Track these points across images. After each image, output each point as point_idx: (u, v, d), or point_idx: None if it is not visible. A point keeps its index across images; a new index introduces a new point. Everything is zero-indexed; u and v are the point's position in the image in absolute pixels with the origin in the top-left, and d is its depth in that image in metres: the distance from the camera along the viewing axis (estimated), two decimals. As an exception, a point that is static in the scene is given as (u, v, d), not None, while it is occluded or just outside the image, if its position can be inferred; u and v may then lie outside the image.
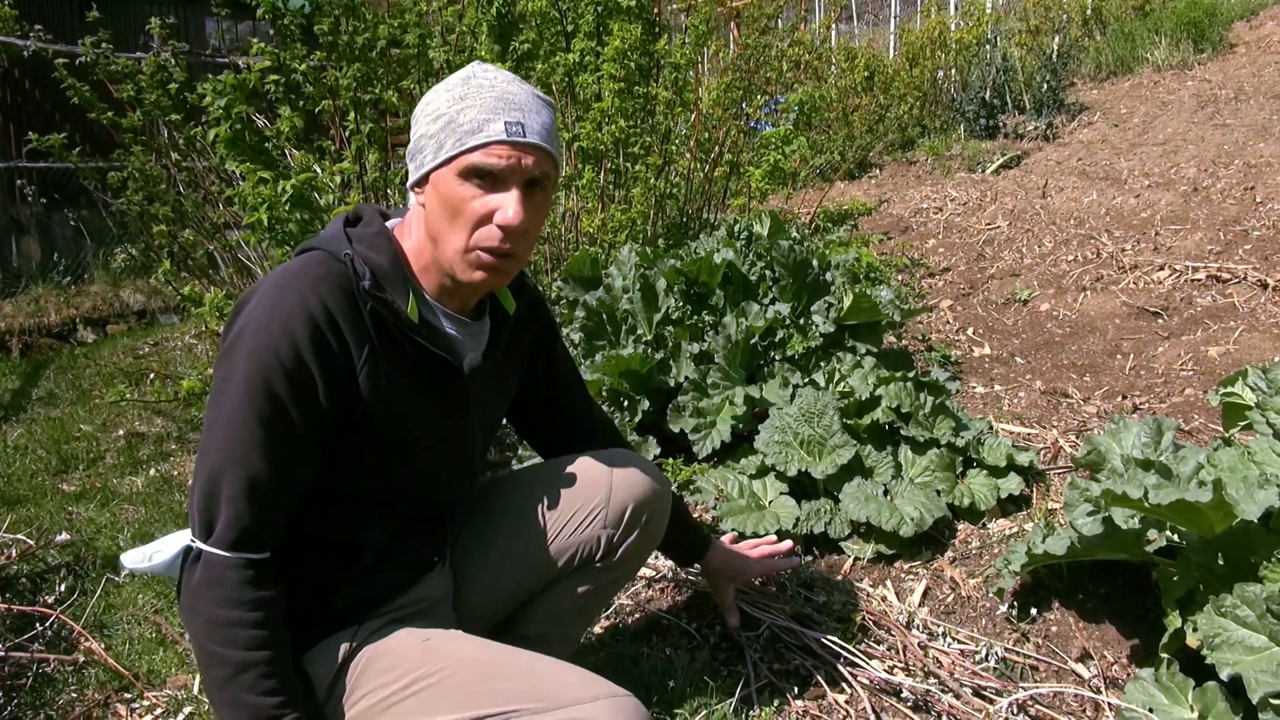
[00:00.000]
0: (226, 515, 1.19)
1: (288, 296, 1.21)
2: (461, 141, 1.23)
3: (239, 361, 1.19)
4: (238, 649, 1.18)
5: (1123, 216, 4.94)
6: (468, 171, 1.23)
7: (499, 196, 1.24)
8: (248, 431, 1.18)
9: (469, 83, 1.27)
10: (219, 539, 1.19)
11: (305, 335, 1.19)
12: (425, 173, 1.27)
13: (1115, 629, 1.97)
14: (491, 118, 1.23)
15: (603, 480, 1.59)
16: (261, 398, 1.18)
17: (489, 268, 1.28)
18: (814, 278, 2.93)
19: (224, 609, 1.19)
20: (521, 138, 1.23)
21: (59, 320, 5.93)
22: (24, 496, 3.14)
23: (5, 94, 7.98)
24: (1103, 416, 2.90)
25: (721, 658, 2.01)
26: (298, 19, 3.36)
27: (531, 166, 1.25)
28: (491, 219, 1.24)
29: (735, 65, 4.68)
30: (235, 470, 1.18)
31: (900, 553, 2.30)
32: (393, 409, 1.30)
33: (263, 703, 1.18)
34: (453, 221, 1.25)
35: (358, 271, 1.25)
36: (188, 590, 1.22)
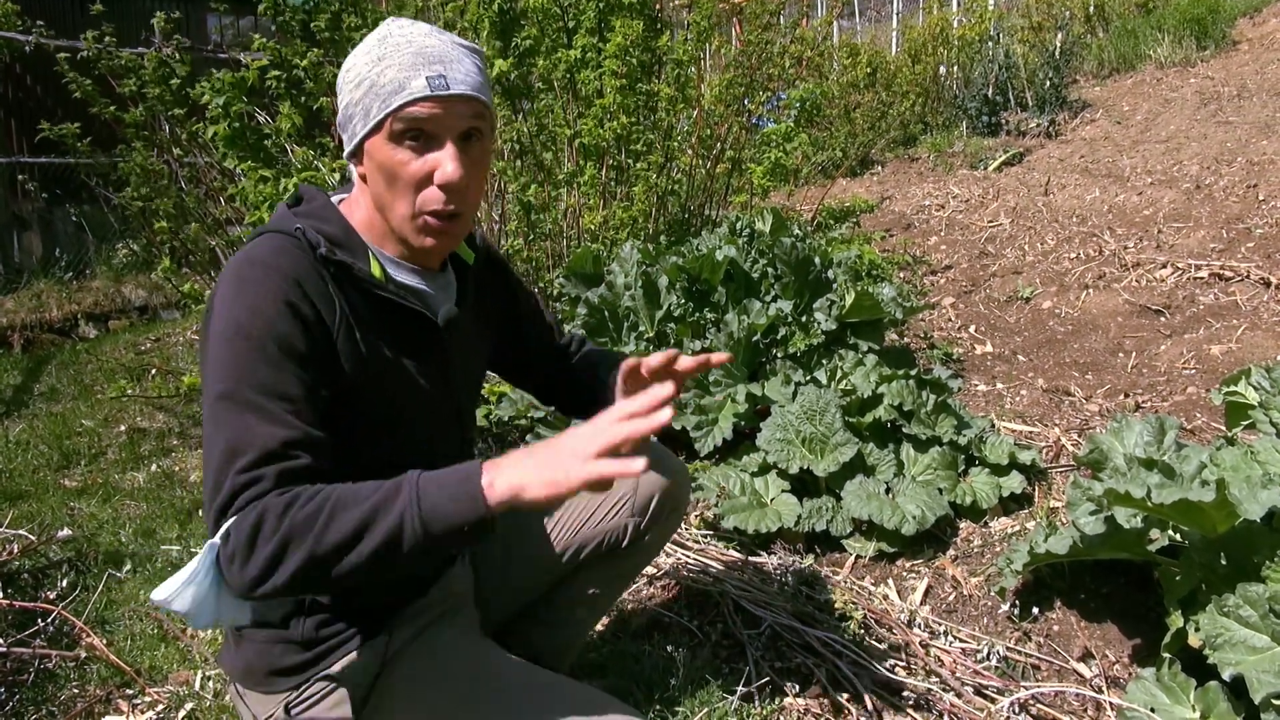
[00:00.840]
0: (259, 473, 1.06)
1: (251, 274, 1.17)
2: (386, 104, 1.18)
3: (220, 348, 1.14)
4: (363, 498, 1.04)
5: (1125, 214, 4.94)
6: (397, 133, 1.18)
7: (435, 155, 1.19)
8: (254, 401, 1.10)
9: (385, 42, 1.21)
10: (255, 491, 1.05)
11: (279, 303, 1.15)
12: (358, 142, 1.23)
13: (1117, 628, 1.97)
14: (411, 74, 1.17)
15: None
16: (254, 371, 1.11)
17: (438, 232, 1.24)
18: (816, 275, 2.93)
19: (304, 509, 1.03)
20: (445, 90, 1.18)
21: (61, 316, 5.93)
22: (26, 492, 3.14)
23: (6, 89, 7.97)
24: (1105, 415, 2.89)
25: (723, 655, 2.01)
26: (298, 15, 3.35)
27: (462, 118, 1.20)
28: (431, 179, 1.20)
29: (737, 62, 4.68)
30: (253, 441, 1.08)
31: (902, 551, 2.30)
32: (375, 373, 1.25)
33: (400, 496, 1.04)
34: (393, 188, 1.21)
35: (311, 241, 1.22)
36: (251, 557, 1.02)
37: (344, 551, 1.02)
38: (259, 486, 1.05)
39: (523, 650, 1.64)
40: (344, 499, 1.04)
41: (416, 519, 1.02)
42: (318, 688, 1.31)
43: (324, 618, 1.32)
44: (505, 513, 1.58)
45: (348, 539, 1.02)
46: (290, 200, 1.33)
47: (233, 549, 1.03)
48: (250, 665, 1.34)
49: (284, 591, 1.04)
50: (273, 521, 1.02)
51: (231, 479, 1.06)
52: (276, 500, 1.04)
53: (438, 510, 1.02)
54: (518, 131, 3.57)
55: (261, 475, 1.06)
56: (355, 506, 1.03)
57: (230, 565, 1.04)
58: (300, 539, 1.02)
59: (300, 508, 1.03)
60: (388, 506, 1.03)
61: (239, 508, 1.04)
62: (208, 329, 1.17)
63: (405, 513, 1.02)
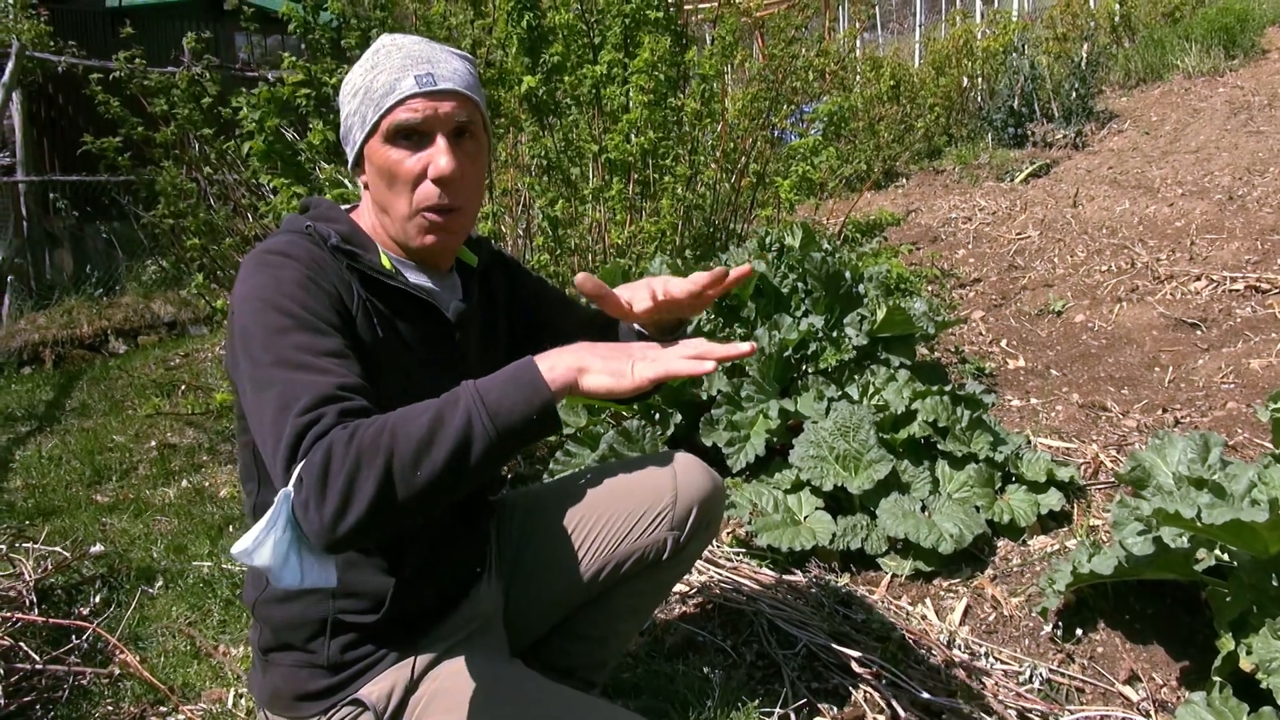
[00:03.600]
0: (317, 413, 1.02)
1: (269, 260, 1.18)
2: (379, 106, 1.22)
3: (244, 327, 1.12)
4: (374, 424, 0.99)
5: (1156, 226, 4.88)
6: (391, 134, 1.23)
7: (427, 152, 1.23)
8: (296, 357, 1.08)
9: (377, 53, 1.27)
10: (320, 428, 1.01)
11: (301, 276, 1.16)
12: (358, 149, 1.28)
13: (1163, 650, 1.93)
14: (401, 75, 1.22)
15: (667, 482, 1.57)
16: (292, 333, 1.10)
17: (437, 228, 1.27)
18: (847, 289, 2.90)
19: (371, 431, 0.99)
20: (433, 85, 1.22)
21: (91, 332, 6.00)
22: (59, 507, 3.16)
23: (39, 109, 8.11)
24: (1143, 431, 2.84)
25: (758, 676, 1.98)
26: (327, 33, 3.38)
27: (452, 112, 1.24)
28: (426, 175, 1.24)
29: (761, 75, 4.67)
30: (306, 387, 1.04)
31: (939, 570, 2.26)
32: (389, 360, 1.26)
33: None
34: (391, 187, 1.25)
35: (322, 234, 1.25)
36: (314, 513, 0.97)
37: (419, 462, 0.98)
38: (321, 424, 1.00)
39: (558, 664, 1.63)
40: (405, 416, 1.01)
41: (484, 414, 1.00)
42: (345, 712, 1.30)
43: (350, 639, 1.31)
44: (535, 529, 1.58)
45: (420, 448, 0.98)
46: (299, 209, 1.38)
47: (306, 493, 0.97)
48: (277, 690, 1.33)
49: (365, 526, 0.97)
50: (340, 450, 0.97)
51: (291, 423, 1.01)
52: (341, 433, 0.99)
53: (503, 402, 1.01)
54: (545, 147, 3.58)
55: (322, 413, 1.01)
56: (419, 417, 1.00)
57: (305, 511, 0.97)
58: (371, 459, 0.96)
59: (364, 431, 0.99)
60: (452, 410, 1.01)
61: (305, 449, 0.99)
62: (233, 320, 1.17)
63: (471, 411, 1.00)
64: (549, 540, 1.59)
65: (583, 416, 2.75)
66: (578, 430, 2.69)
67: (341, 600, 1.29)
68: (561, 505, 1.61)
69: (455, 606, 1.44)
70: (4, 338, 5.63)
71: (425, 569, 1.38)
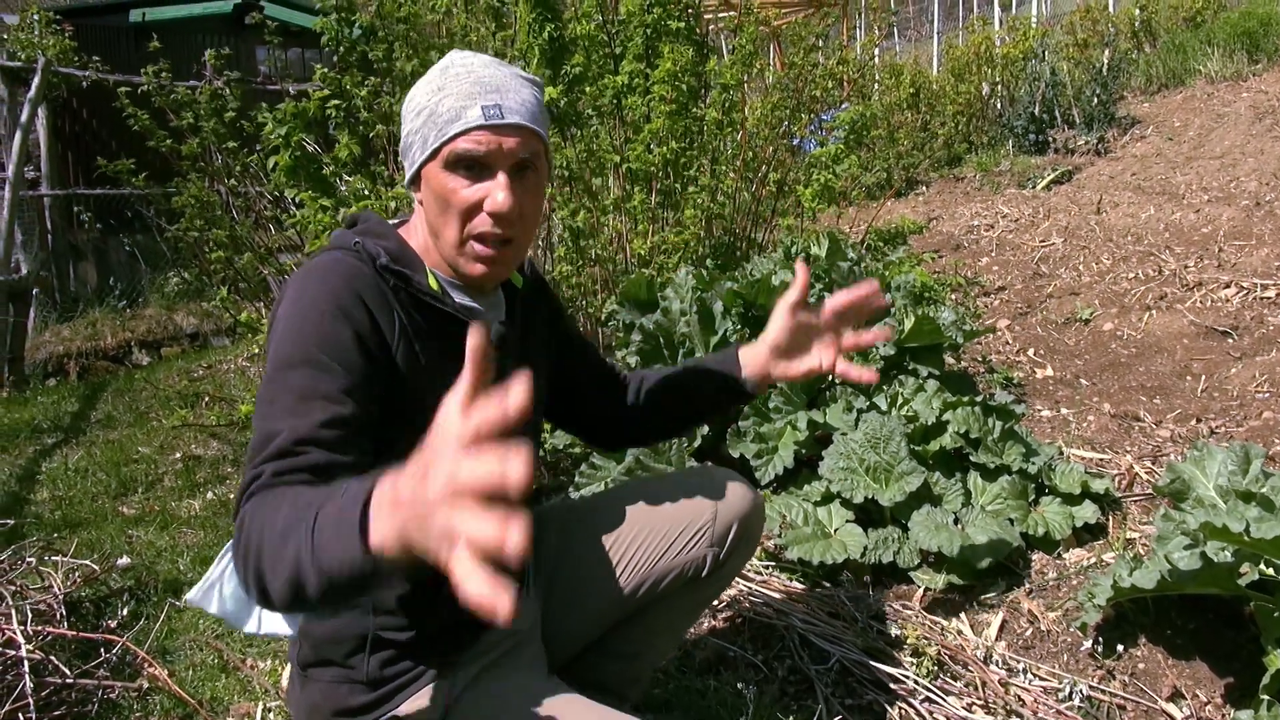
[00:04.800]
0: (270, 465, 1.03)
1: (311, 284, 1.19)
2: (442, 132, 1.20)
3: (272, 349, 1.15)
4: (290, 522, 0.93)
5: (1183, 232, 4.82)
6: (452, 161, 1.20)
7: (486, 184, 1.21)
8: (291, 397, 1.08)
9: (446, 72, 1.23)
10: (259, 485, 1.01)
11: (335, 308, 1.16)
12: (416, 169, 1.25)
13: (1207, 667, 1.89)
14: (468, 104, 1.19)
15: (708, 498, 1.56)
16: (299, 368, 1.11)
17: (487, 259, 1.25)
18: (874, 299, 2.87)
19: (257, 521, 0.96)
20: (500, 119, 1.19)
21: (115, 343, 6.05)
22: (86, 519, 3.17)
23: (64, 123, 8.21)
24: (1177, 441, 2.80)
25: (791, 691, 1.96)
26: (360, 46, 3.39)
27: (515, 148, 1.21)
28: (481, 207, 1.21)
29: (781, 84, 4.66)
30: (280, 433, 1.05)
31: (973, 584, 2.22)
32: (430, 384, 1.22)
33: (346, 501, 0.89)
34: (445, 214, 1.23)
35: (371, 253, 1.23)
36: (235, 558, 0.99)
37: (272, 574, 0.92)
38: (257, 483, 1.01)
39: (593, 680, 1.61)
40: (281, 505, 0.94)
41: (310, 553, 0.88)
42: None
43: (389, 655, 1.30)
44: (573, 544, 1.57)
45: (270, 565, 0.93)
46: (347, 223, 1.36)
47: (234, 555, 0.99)
48: (315, 705, 1.32)
49: (276, 608, 0.97)
50: (242, 531, 0.97)
51: (247, 472, 1.04)
52: (253, 506, 0.98)
53: (327, 547, 0.87)
54: (566, 158, 3.57)
55: (261, 471, 1.02)
56: (283, 519, 0.92)
57: (237, 570, 0.99)
58: (250, 555, 0.95)
59: (256, 516, 0.96)
60: (296, 531, 0.90)
61: (244, 501, 1.01)
62: (269, 339, 1.19)
63: (301, 548, 0.89)
64: (587, 555, 1.57)
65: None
66: (604, 442, 2.67)
67: (381, 617, 1.29)
68: (600, 520, 1.59)
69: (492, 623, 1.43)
70: (29, 350, 5.68)
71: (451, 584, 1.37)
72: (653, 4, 4.00)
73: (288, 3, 9.99)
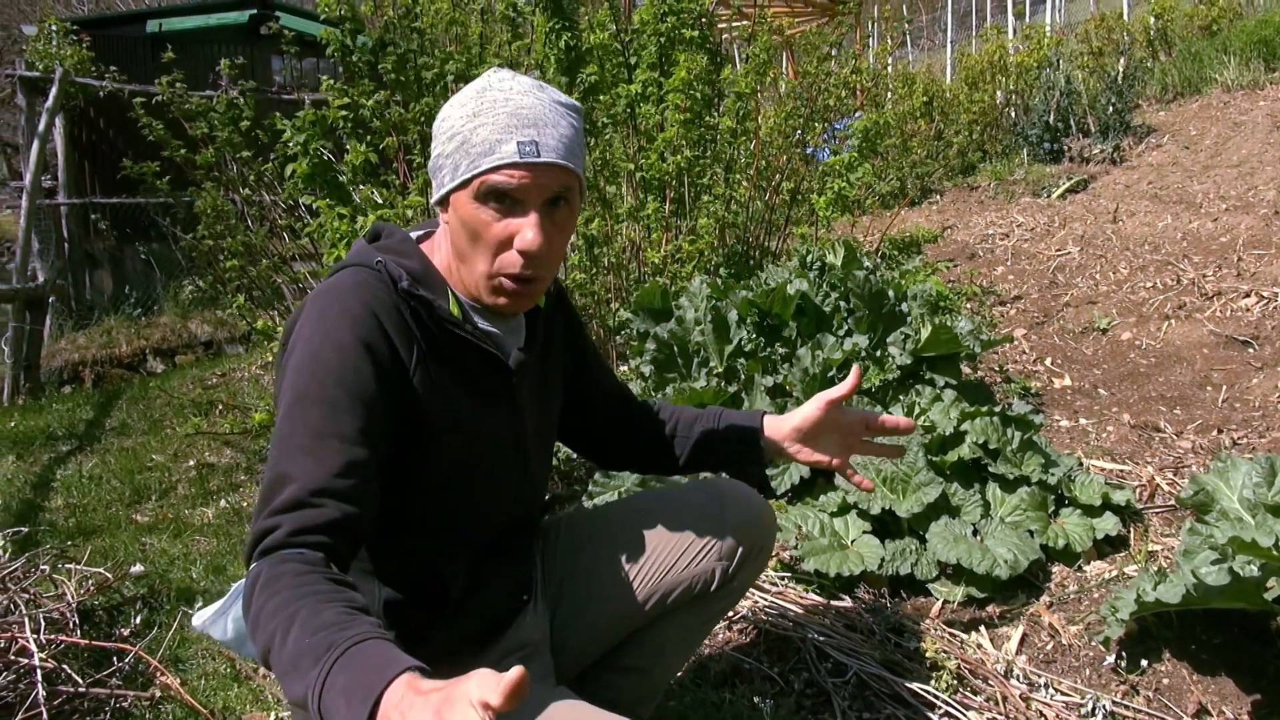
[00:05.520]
0: (282, 519, 1.05)
1: (331, 309, 1.17)
2: (475, 164, 1.16)
3: (289, 378, 1.15)
4: (280, 611, 0.96)
5: (1201, 241, 4.77)
6: (483, 194, 1.17)
7: (518, 220, 1.18)
8: (306, 436, 1.09)
9: (483, 96, 1.19)
10: (271, 542, 1.04)
11: (354, 338, 1.15)
12: (444, 194, 1.22)
13: (1233, 683, 1.85)
14: (504, 137, 1.15)
15: (715, 511, 1.54)
16: (316, 405, 1.11)
17: (512, 294, 1.23)
18: (890, 308, 2.85)
19: (263, 594, 1.00)
20: (535, 158, 1.16)
21: (130, 351, 6.08)
22: (99, 527, 3.18)
23: (81, 133, 8.28)
24: (1198, 452, 2.76)
25: (808, 705, 1.93)
26: (365, 56, 3.41)
27: (549, 185, 1.18)
28: (512, 243, 1.19)
29: (794, 93, 4.65)
30: (293, 477, 1.07)
31: (992, 596, 2.19)
32: (448, 413, 1.24)
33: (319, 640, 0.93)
34: (473, 245, 1.21)
35: (393, 275, 1.21)
36: (245, 617, 1.04)
37: (280, 678, 0.97)
38: (270, 539, 1.04)
39: (603, 696, 1.59)
40: (295, 619, 0.95)
41: (317, 702, 0.91)
42: None
43: None
44: (580, 557, 1.55)
45: (279, 672, 0.96)
46: (368, 235, 1.33)
47: (243, 603, 1.04)
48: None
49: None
50: (256, 597, 1.00)
51: (260, 520, 1.06)
52: (268, 571, 1.01)
53: (333, 711, 0.90)
54: (581, 166, 3.57)
55: (277, 524, 1.04)
56: (294, 642, 0.94)
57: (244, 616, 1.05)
58: (255, 635, 0.99)
59: (269, 599, 0.98)
60: (305, 668, 0.92)
61: (254, 559, 1.04)
62: (284, 360, 1.18)
63: (311, 689, 0.92)
64: (594, 569, 1.55)
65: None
66: (618, 451, 2.65)
67: (388, 630, 1.27)
68: (607, 533, 1.58)
69: (501, 634, 1.42)
70: (45, 357, 5.71)
71: (471, 598, 1.36)
72: (666, 13, 4.00)
73: (303, 13, 10.07)
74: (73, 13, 20.68)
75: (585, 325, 1.65)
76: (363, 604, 1.00)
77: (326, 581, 1.00)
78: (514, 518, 1.45)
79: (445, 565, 1.33)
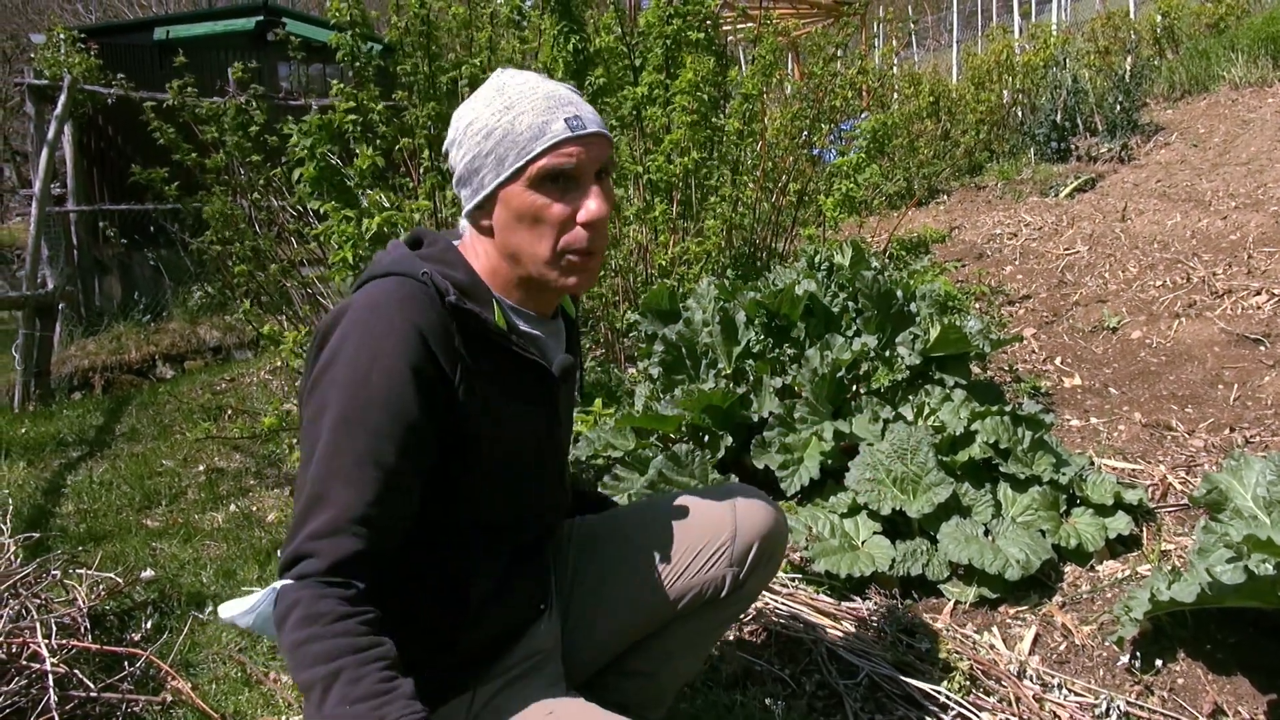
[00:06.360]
0: (321, 546, 1.09)
1: (378, 325, 1.15)
2: (527, 149, 1.18)
3: (332, 395, 1.13)
4: (322, 661, 1.03)
5: (1210, 239, 4.75)
6: (541, 178, 1.18)
7: (576, 196, 1.20)
8: (349, 461, 1.11)
9: (505, 90, 1.22)
10: (309, 568, 1.08)
11: (402, 362, 1.14)
12: (490, 192, 1.22)
13: (1249, 682, 1.84)
14: (550, 118, 1.18)
15: (726, 516, 1.53)
16: (360, 429, 1.11)
17: (580, 269, 1.24)
18: (899, 308, 2.84)
19: (305, 628, 1.06)
20: (584, 129, 1.19)
21: (139, 357, 6.09)
22: (110, 532, 3.18)
23: (89, 140, 8.32)
24: (1211, 451, 2.74)
25: (819, 706, 1.92)
26: (374, 61, 3.41)
27: (599, 155, 1.22)
28: (573, 221, 1.20)
29: (800, 94, 4.65)
30: (334, 502, 1.10)
31: (1005, 597, 2.18)
32: (494, 425, 1.24)
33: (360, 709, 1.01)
34: (534, 231, 1.21)
35: (440, 288, 1.19)
36: (280, 633, 1.10)
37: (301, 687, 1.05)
38: (308, 564, 1.07)
39: (614, 700, 1.58)
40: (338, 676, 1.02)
41: None
42: None
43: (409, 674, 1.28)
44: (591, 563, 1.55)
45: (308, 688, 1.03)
46: (409, 241, 1.32)
47: (274, 616, 1.09)
48: None
49: None
50: (291, 623, 1.05)
51: (298, 542, 1.09)
52: (307, 605, 1.05)
53: None
54: (588, 169, 3.57)
55: (316, 550, 1.08)
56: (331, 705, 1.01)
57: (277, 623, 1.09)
58: (293, 665, 1.05)
59: (310, 639, 1.04)
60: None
61: (294, 575, 1.08)
62: (323, 368, 1.15)
63: None
64: (605, 574, 1.55)
65: (631, 440, 2.72)
66: (626, 454, 2.65)
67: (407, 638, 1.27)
68: (617, 538, 1.57)
69: (517, 642, 1.41)
70: (55, 364, 5.73)
71: (494, 607, 1.35)
72: (672, 15, 4.00)
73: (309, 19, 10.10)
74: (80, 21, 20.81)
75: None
76: (395, 658, 1.07)
77: (365, 634, 1.06)
78: (545, 525, 1.45)
79: (473, 575, 1.32)
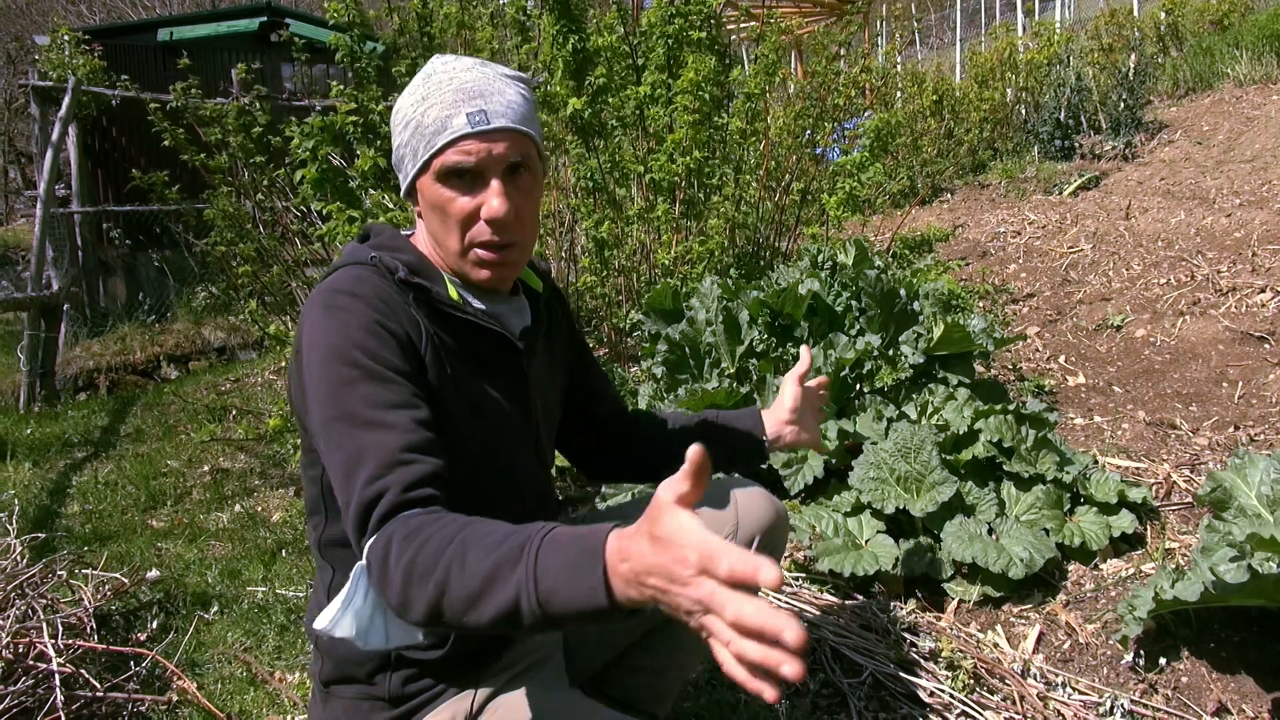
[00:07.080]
0: (385, 482, 1.05)
1: (339, 300, 1.17)
2: (430, 144, 1.18)
3: (322, 370, 1.13)
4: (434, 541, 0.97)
5: (1215, 237, 4.74)
6: (443, 174, 1.19)
7: (481, 193, 1.20)
8: (364, 412, 1.09)
9: (429, 80, 1.21)
10: (384, 506, 1.03)
11: (373, 322, 1.15)
12: (409, 183, 1.24)
13: (1253, 681, 1.83)
14: (453, 112, 1.18)
15: (728, 511, 1.53)
16: (360, 383, 1.11)
17: (492, 264, 1.24)
18: (902, 307, 2.84)
19: (409, 545, 0.98)
20: (486, 125, 1.17)
21: (144, 358, 6.11)
22: (115, 532, 3.19)
23: (94, 142, 8.34)
24: (1215, 449, 2.74)
25: (823, 705, 1.92)
26: (373, 61, 3.42)
27: (505, 153, 1.19)
28: (478, 216, 1.21)
29: (803, 93, 4.64)
30: (373, 447, 1.07)
31: (1009, 595, 2.18)
32: (459, 395, 1.24)
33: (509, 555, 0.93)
34: (444, 225, 1.22)
35: (389, 266, 1.22)
36: (385, 581, 1.01)
37: (466, 611, 0.95)
38: (385, 501, 1.03)
39: (618, 697, 1.58)
40: (468, 545, 0.96)
41: (534, 598, 0.91)
42: None
43: (412, 673, 1.28)
44: None
45: (469, 601, 0.94)
46: (358, 237, 1.34)
47: (375, 578, 1.02)
48: None
49: (431, 626, 1.00)
50: (396, 552, 0.99)
51: (357, 496, 1.04)
52: (401, 528, 1.00)
53: (556, 593, 0.90)
54: (590, 169, 3.57)
55: (385, 487, 1.04)
56: (476, 563, 0.94)
57: (379, 593, 1.03)
58: (422, 582, 0.96)
59: (421, 546, 0.97)
60: (504, 575, 0.92)
61: (371, 529, 1.03)
62: (301, 363, 1.17)
63: (521, 588, 0.91)
64: None
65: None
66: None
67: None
68: None
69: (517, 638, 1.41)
70: (60, 365, 5.74)
71: None
72: (674, 14, 4.00)
73: (312, 20, 10.11)
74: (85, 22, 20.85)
75: (582, 325, 1.65)
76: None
77: (467, 518, 1.00)
78: (529, 510, 1.45)
79: None
